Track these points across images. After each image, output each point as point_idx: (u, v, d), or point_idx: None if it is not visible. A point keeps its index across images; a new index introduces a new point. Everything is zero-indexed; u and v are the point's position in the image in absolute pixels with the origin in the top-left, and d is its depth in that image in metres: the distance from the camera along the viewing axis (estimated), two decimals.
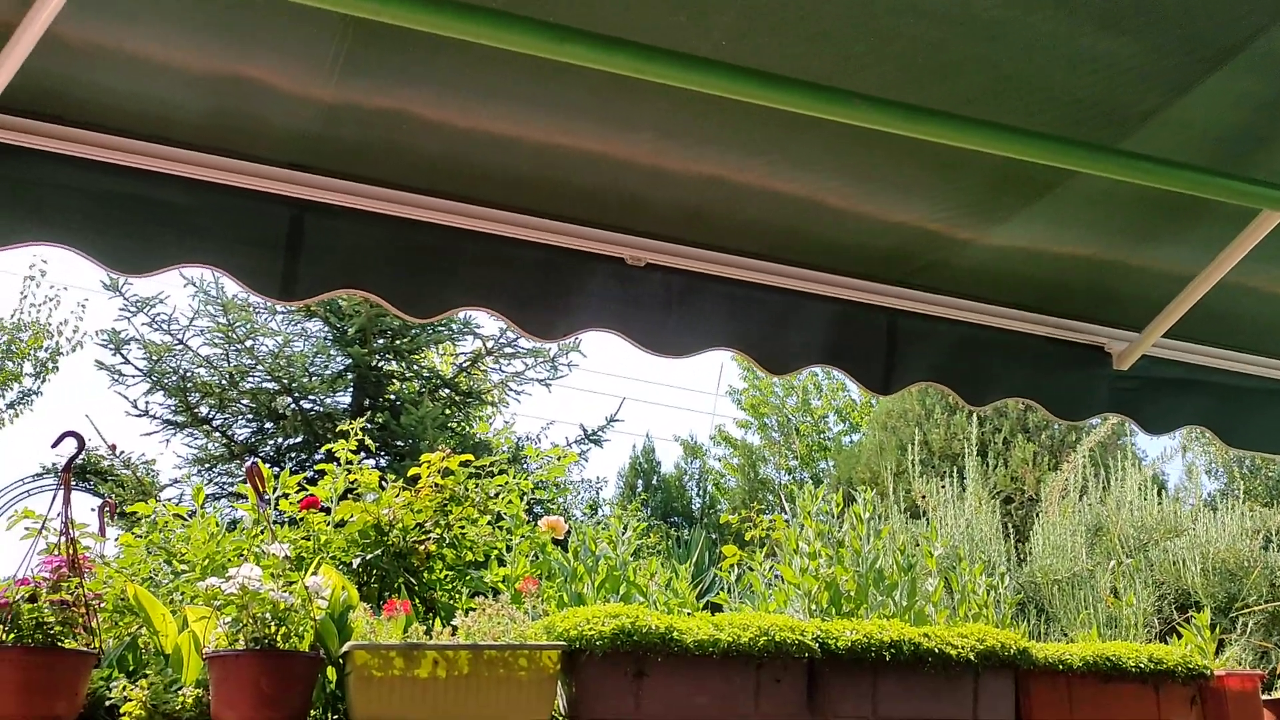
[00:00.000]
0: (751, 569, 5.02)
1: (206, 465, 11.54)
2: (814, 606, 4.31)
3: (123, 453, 11.17)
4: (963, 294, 3.57)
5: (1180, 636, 4.40)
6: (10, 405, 12.89)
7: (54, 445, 3.01)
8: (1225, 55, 2.46)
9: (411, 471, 4.25)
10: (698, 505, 20.56)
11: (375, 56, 2.48)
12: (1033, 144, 2.55)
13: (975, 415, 11.81)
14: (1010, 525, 8.47)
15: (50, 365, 13.04)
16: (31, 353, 12.90)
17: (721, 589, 5.91)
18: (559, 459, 5.48)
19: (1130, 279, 3.55)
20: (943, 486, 8.07)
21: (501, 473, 4.48)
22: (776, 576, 4.74)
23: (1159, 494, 7.81)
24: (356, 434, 4.33)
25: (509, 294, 3.10)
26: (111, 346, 11.17)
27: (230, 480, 11.36)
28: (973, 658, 3.55)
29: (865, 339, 3.50)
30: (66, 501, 3.07)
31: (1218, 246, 3.27)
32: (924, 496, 8.32)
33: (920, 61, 2.46)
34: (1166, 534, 7.21)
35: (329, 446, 4.46)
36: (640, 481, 20.40)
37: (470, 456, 4.33)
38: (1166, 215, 3.20)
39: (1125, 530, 7.29)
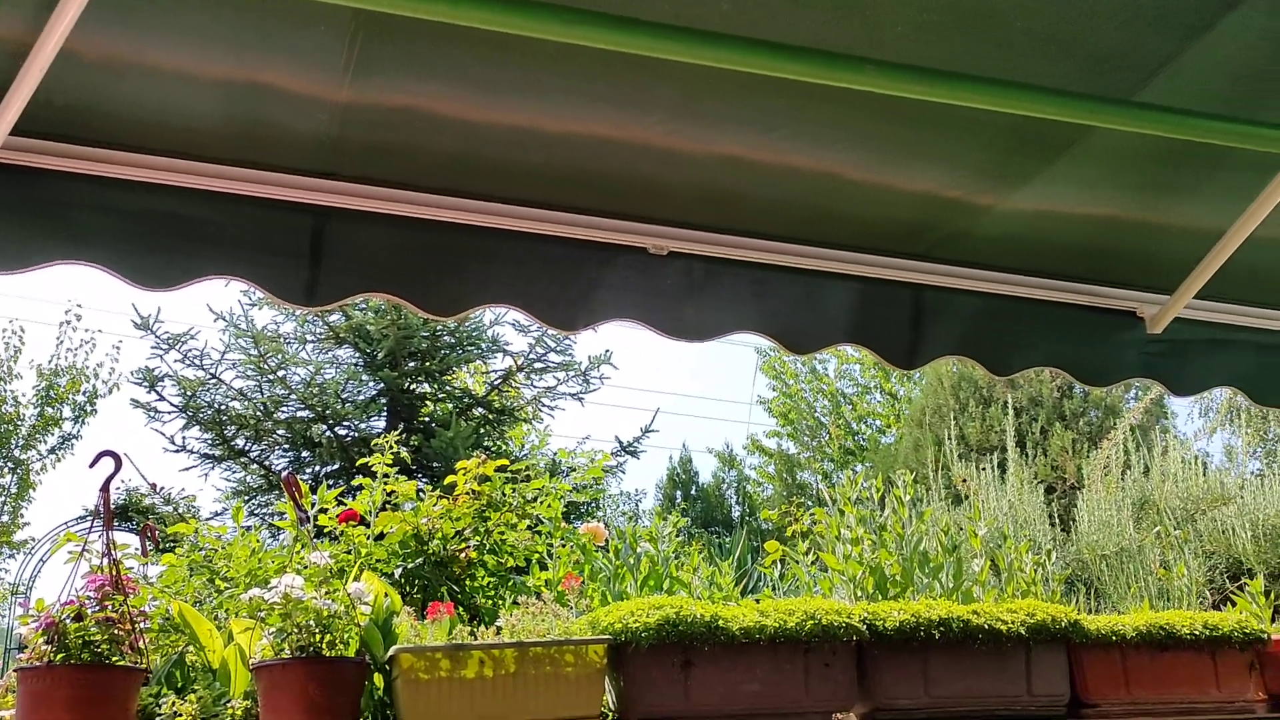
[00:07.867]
0: (796, 562, 4.97)
1: (246, 497, 11.63)
2: (859, 592, 4.25)
3: (163, 489, 11.28)
4: (987, 264, 3.54)
5: (1234, 605, 4.32)
6: (51, 450, 13.04)
7: (91, 465, 3.03)
8: None
9: (448, 480, 4.25)
10: (737, 513, 20.50)
11: (386, 53, 2.49)
12: (1041, 99, 2.50)
13: (1011, 406, 11.68)
14: (1053, 513, 8.37)
15: (89, 409, 13.17)
16: (70, 397, 13.05)
17: (766, 586, 5.87)
18: (593, 461, 5.48)
19: (1158, 238, 3.50)
20: (983, 470, 8.00)
21: (538, 477, 4.48)
22: (820, 567, 4.69)
23: (1202, 466, 7.70)
24: (392, 447, 4.34)
25: (530, 290, 3.10)
26: (146, 384, 11.30)
27: (269, 511, 11.44)
28: (1024, 632, 3.49)
29: (888, 315, 3.47)
30: (107, 522, 3.09)
31: (1247, 199, 3.21)
32: (964, 480, 8.24)
33: (934, 19, 2.44)
34: (1213, 503, 7.09)
35: (364, 460, 4.47)
36: (679, 492, 20.38)
37: (506, 462, 4.33)
38: (1191, 168, 3.15)
39: (1171, 502, 7.18)
